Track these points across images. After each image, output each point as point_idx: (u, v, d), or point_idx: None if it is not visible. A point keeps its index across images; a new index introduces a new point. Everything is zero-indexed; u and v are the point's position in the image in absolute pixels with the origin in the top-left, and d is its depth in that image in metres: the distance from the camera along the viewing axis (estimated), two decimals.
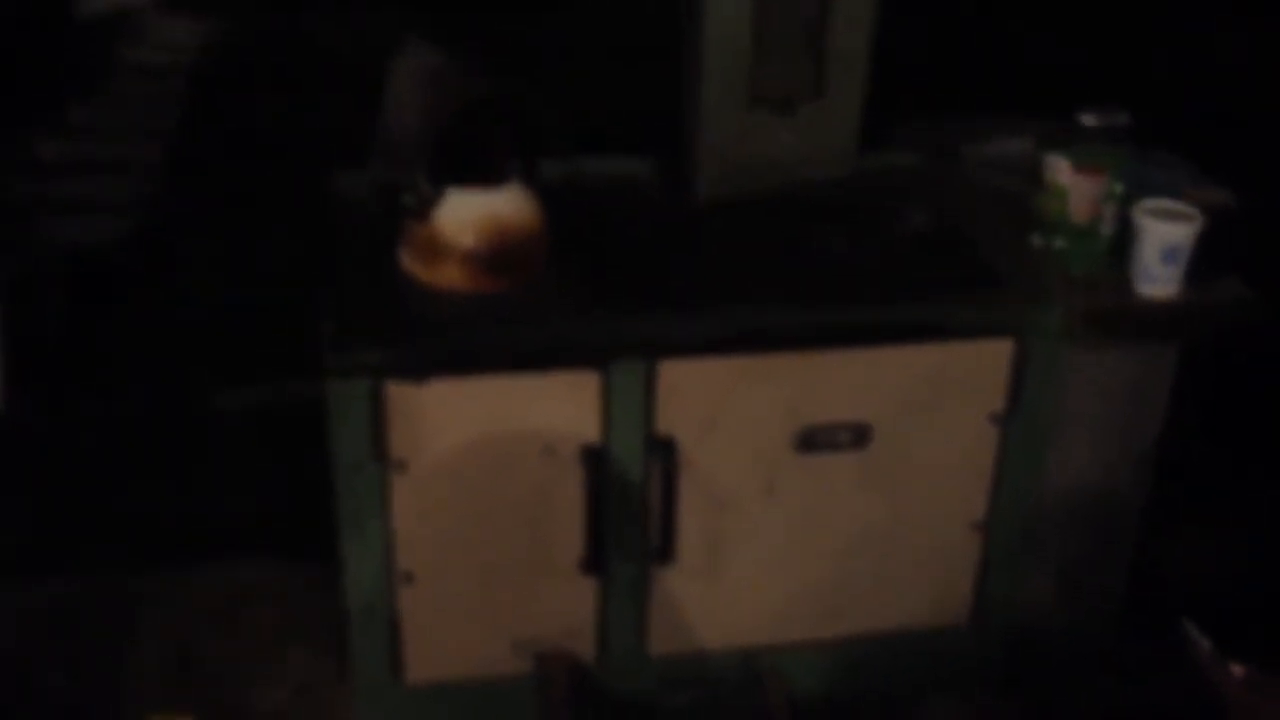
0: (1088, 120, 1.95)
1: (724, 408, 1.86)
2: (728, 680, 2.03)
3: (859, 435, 1.91)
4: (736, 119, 2.08)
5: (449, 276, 1.84)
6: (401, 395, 1.75)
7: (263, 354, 2.21)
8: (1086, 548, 2.16)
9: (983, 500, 2.01)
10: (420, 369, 1.75)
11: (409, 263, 1.87)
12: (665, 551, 1.91)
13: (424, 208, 1.84)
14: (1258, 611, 2.11)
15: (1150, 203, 1.91)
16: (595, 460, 1.84)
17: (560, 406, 1.81)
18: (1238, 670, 1.79)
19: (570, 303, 1.83)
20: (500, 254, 1.85)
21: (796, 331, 1.84)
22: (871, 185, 2.19)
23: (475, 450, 1.81)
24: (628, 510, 1.88)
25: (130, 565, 2.40)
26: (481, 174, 1.86)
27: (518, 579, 1.91)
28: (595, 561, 1.90)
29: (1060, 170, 1.93)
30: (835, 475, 1.93)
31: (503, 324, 1.79)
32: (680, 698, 2.01)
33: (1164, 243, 1.88)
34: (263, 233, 2.27)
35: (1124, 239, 1.95)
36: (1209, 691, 1.79)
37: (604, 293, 1.86)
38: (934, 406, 1.92)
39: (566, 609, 1.95)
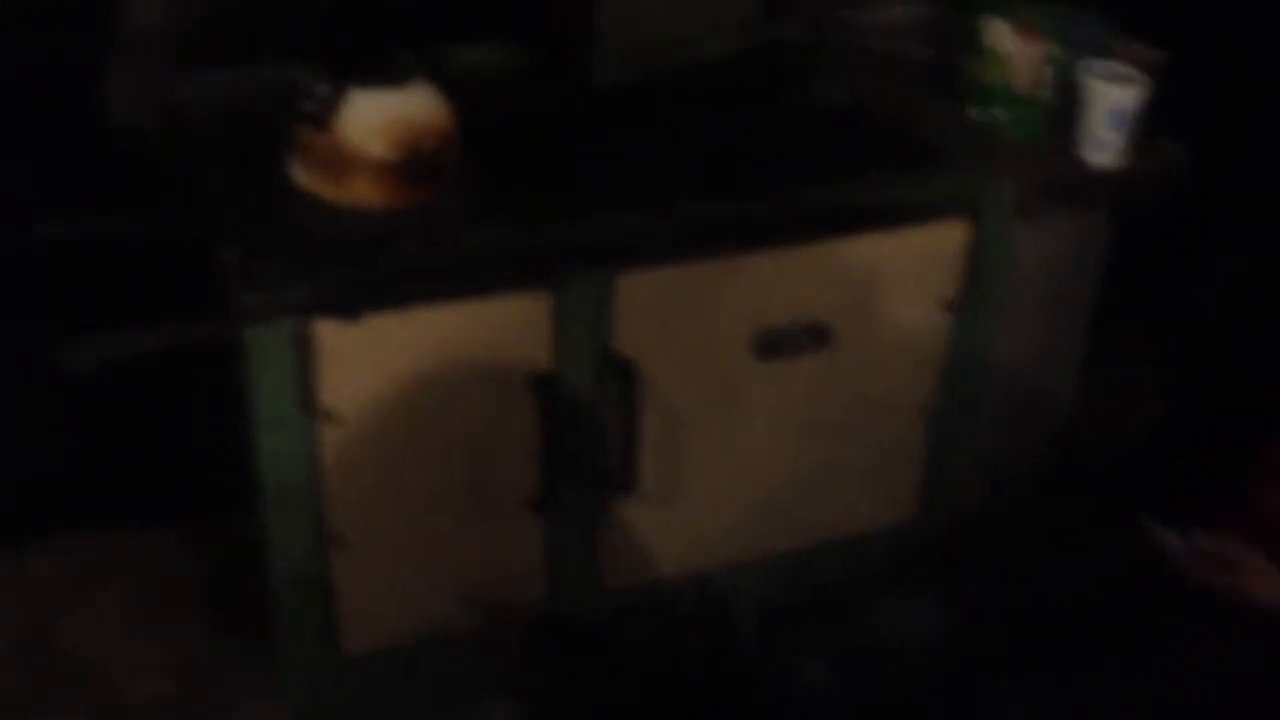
0: None
1: (682, 319, 1.69)
2: (685, 605, 1.89)
3: (818, 336, 1.78)
4: None
5: (360, 192, 1.59)
6: (330, 335, 1.51)
7: (98, 301, 1.89)
8: (1017, 427, 2.11)
9: (931, 390, 1.92)
10: (351, 303, 1.50)
11: (308, 179, 1.60)
12: (625, 480, 1.73)
13: (325, 113, 1.57)
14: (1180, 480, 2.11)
15: (1094, 65, 1.83)
16: (547, 387, 1.64)
17: (506, 331, 1.60)
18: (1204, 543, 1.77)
19: (506, 214, 1.61)
20: (415, 162, 1.60)
21: (756, 225, 1.68)
22: (766, 61, 2.03)
23: (413, 391, 1.59)
24: (584, 439, 1.69)
25: None
26: (385, 70, 1.60)
27: (462, 527, 1.71)
28: (548, 499, 1.71)
29: (1000, 35, 1.82)
30: (795, 379, 1.80)
31: (439, 243, 1.55)
32: (639, 628, 1.86)
33: (1113, 107, 1.80)
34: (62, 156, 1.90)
35: (1063, 104, 1.86)
36: (1168, 567, 1.77)
37: (538, 201, 1.64)
38: (889, 296, 1.81)
39: (515, 552, 1.76)
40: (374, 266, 1.51)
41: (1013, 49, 1.81)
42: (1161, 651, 1.66)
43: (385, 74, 1.60)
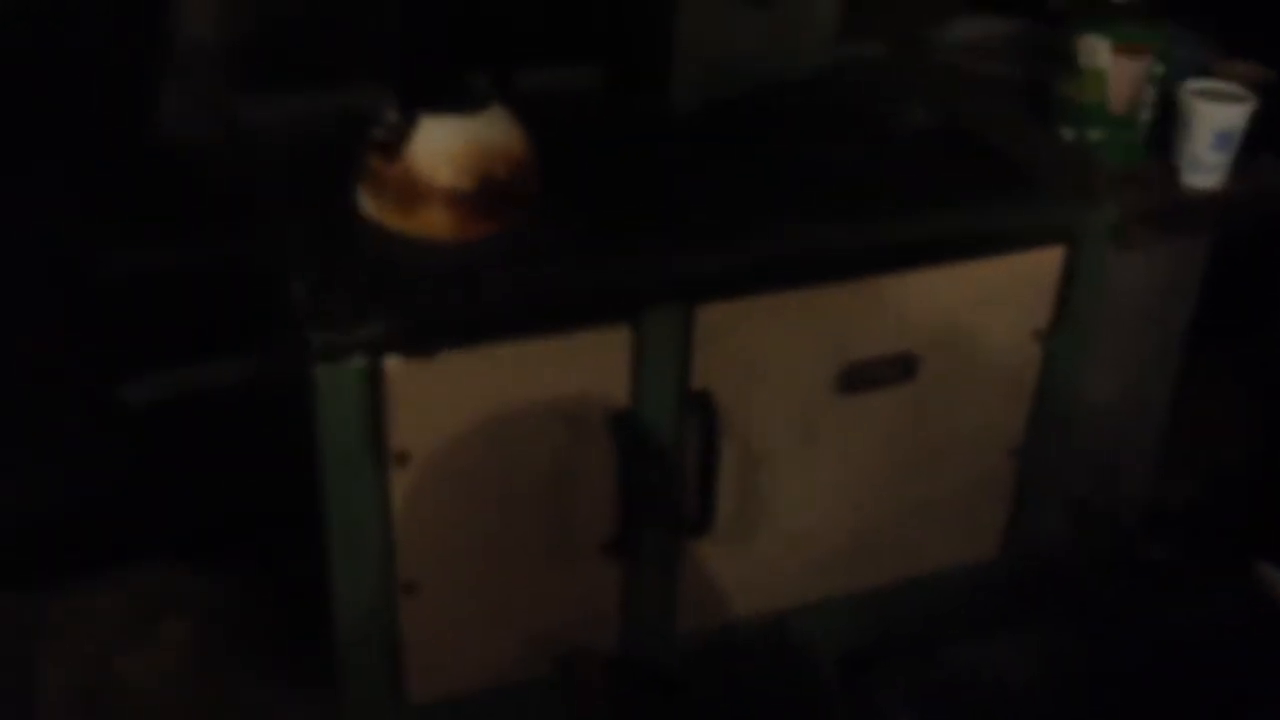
0: None
1: (763, 352, 1.61)
2: (763, 648, 1.81)
3: (905, 368, 1.70)
4: (716, 14, 1.80)
5: (432, 223, 1.52)
6: (402, 374, 1.44)
7: (166, 332, 1.83)
8: (1107, 462, 2.02)
9: (1020, 425, 1.83)
10: (425, 340, 1.43)
11: (377, 209, 1.54)
12: (703, 522, 1.65)
13: (395, 141, 1.50)
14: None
15: (1196, 83, 1.74)
16: (626, 426, 1.57)
17: (584, 368, 1.53)
18: None
19: (585, 245, 1.53)
20: (489, 192, 1.53)
21: (843, 255, 1.60)
22: (848, 82, 1.95)
23: (487, 431, 1.51)
24: (663, 478, 1.62)
25: (20, 583, 2.00)
26: (458, 96, 1.53)
27: (536, 571, 1.63)
28: (625, 542, 1.64)
29: (1098, 52, 1.73)
30: (879, 414, 1.72)
31: (516, 276, 1.48)
32: (716, 672, 1.79)
33: (1217, 127, 1.72)
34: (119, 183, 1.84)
35: (1163, 125, 1.77)
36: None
37: (619, 231, 1.56)
38: (979, 327, 1.72)
39: (589, 596, 1.69)
40: (449, 302, 1.44)
41: (1111, 67, 1.72)
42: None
43: (458, 100, 1.53)
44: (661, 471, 1.61)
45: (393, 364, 1.42)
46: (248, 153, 1.69)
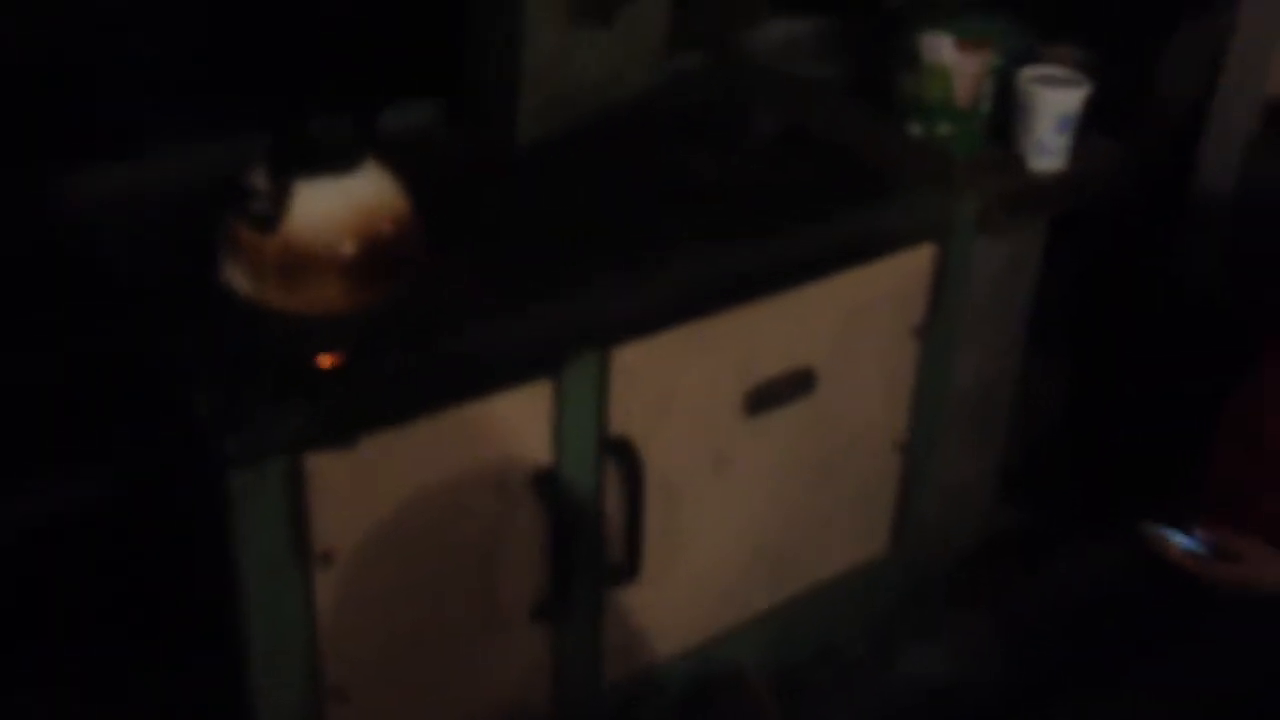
0: None
1: (674, 386, 1.56)
2: (688, 685, 1.77)
3: (803, 383, 1.68)
4: (558, 41, 1.73)
5: (322, 297, 1.39)
6: (324, 469, 1.31)
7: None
8: (971, 445, 2.07)
9: (904, 419, 1.86)
10: (345, 429, 1.31)
11: (255, 288, 1.40)
12: (630, 569, 1.59)
13: (274, 212, 1.37)
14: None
15: (1033, 70, 1.79)
16: (551, 483, 1.49)
17: (507, 429, 1.44)
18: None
19: (488, 298, 1.44)
20: (376, 254, 1.42)
21: (743, 279, 1.56)
22: (680, 95, 1.91)
23: (413, 514, 1.40)
24: (589, 533, 1.55)
25: None
26: (332, 151, 1.41)
27: (467, 651, 1.54)
28: (555, 602, 1.56)
29: (943, 49, 1.76)
30: (782, 431, 1.70)
31: (428, 344, 1.37)
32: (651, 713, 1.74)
33: (1058, 112, 1.77)
34: None
35: (1000, 113, 1.82)
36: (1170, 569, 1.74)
37: (516, 279, 1.48)
38: (865, 331, 1.73)
39: (520, 664, 1.60)
40: (365, 384, 1.32)
41: (954, 63, 1.75)
42: (1187, 658, 1.63)
43: (333, 158, 1.41)
44: (588, 525, 1.54)
45: (313, 460, 1.30)
46: (82, 240, 1.50)
